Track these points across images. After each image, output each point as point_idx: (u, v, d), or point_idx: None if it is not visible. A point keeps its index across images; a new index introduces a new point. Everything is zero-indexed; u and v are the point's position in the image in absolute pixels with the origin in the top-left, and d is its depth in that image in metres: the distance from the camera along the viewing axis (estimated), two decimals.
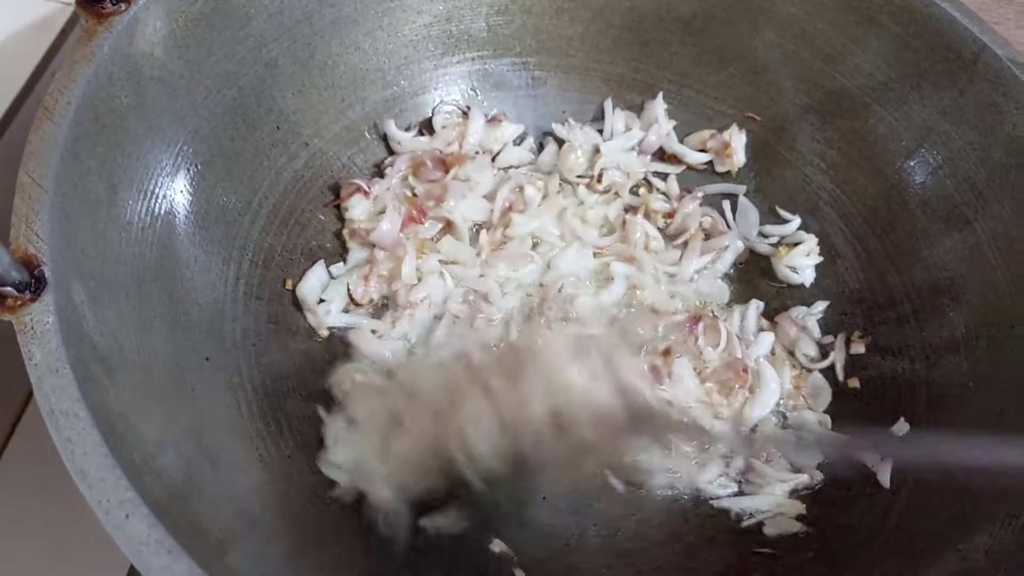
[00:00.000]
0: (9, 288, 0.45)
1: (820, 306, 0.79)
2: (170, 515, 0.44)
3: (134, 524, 0.41)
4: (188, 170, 0.65)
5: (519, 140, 0.86)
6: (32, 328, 0.45)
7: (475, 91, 0.85)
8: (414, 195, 0.79)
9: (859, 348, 0.76)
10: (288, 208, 0.74)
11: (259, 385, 0.65)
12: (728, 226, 0.83)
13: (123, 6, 0.59)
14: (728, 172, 0.85)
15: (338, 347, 0.72)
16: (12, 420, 0.69)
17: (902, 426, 0.70)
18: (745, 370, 0.72)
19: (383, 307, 0.75)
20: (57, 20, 0.91)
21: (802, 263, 0.80)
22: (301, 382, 0.69)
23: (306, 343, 0.72)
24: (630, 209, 0.82)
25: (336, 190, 0.78)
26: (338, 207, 0.77)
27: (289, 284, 0.72)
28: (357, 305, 0.74)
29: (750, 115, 0.83)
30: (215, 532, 0.49)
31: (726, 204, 0.84)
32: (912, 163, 0.75)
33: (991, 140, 0.70)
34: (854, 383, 0.75)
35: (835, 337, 0.77)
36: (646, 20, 0.82)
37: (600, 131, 0.86)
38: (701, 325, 0.74)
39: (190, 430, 0.55)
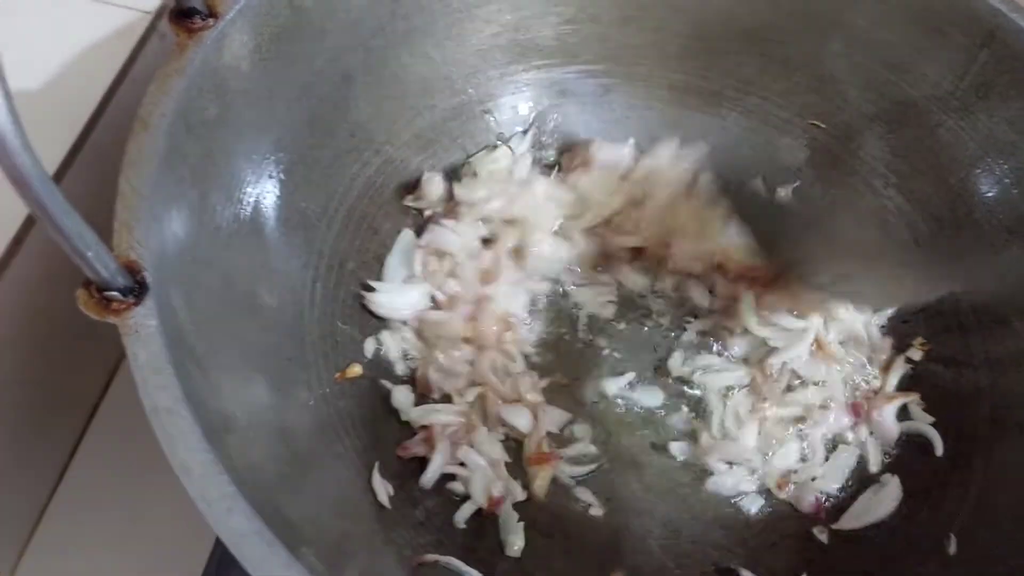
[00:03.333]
0: (115, 293, 0.48)
1: (886, 312, 0.79)
2: (265, 511, 0.46)
3: (235, 518, 0.43)
4: (270, 177, 0.67)
5: None
6: (137, 331, 0.47)
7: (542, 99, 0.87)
8: None
9: (916, 354, 0.76)
10: (361, 213, 0.77)
11: (335, 387, 0.67)
12: None
13: (211, 21, 0.61)
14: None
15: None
16: (89, 412, 0.73)
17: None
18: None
19: None
20: (136, 29, 0.94)
21: None
22: (372, 382, 0.72)
23: (377, 343, 0.74)
24: None
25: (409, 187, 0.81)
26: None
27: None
28: None
29: (815, 123, 0.84)
30: (306, 529, 0.51)
31: None
32: (978, 172, 0.75)
33: None
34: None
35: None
36: (712, 30, 0.83)
37: None
38: None
39: (277, 429, 0.58)
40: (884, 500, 0.70)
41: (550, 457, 0.70)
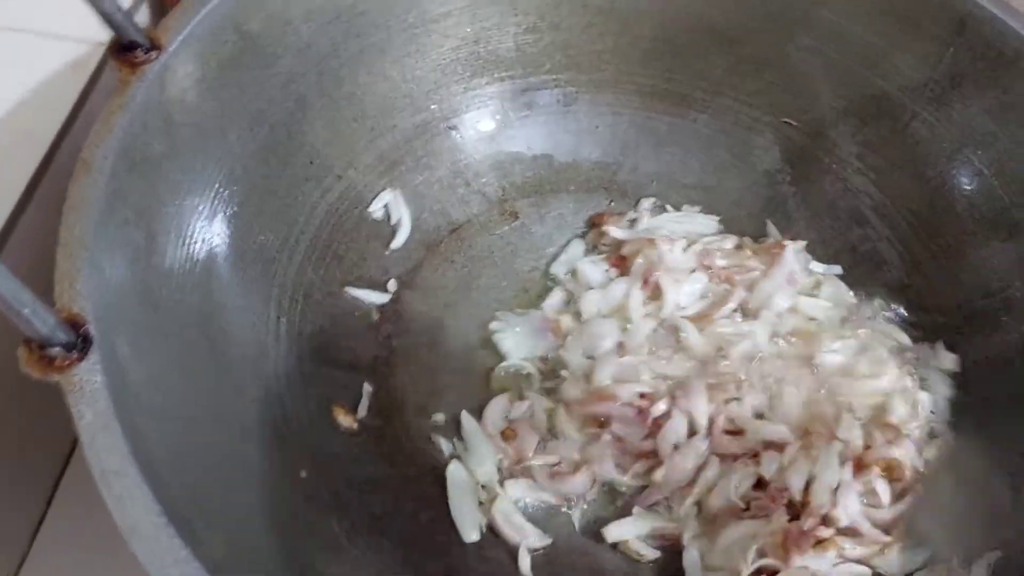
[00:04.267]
0: (57, 349, 0.45)
1: None
2: (224, 570, 0.44)
3: None
4: (224, 211, 0.65)
5: None
6: (81, 388, 0.45)
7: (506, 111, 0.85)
8: None
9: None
10: (325, 241, 0.74)
11: (305, 424, 0.65)
12: None
13: (155, 54, 0.59)
14: None
15: (378, 375, 0.73)
16: (56, 475, 0.70)
17: None
18: None
19: None
20: (89, 62, 0.92)
21: None
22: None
23: (349, 376, 0.72)
24: None
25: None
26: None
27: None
28: None
29: (787, 121, 0.82)
30: None
31: None
32: (956, 165, 0.74)
33: None
34: None
35: None
36: (677, 31, 0.81)
37: None
38: None
39: (240, 475, 0.56)
40: None
41: None
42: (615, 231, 0.82)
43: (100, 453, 0.44)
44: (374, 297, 0.76)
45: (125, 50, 0.58)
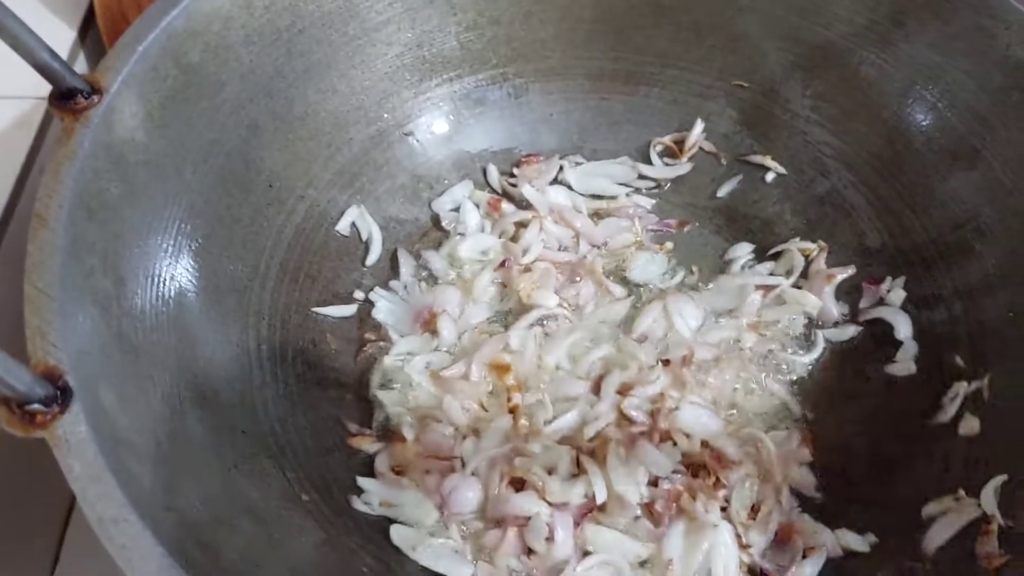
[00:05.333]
0: (36, 405, 0.45)
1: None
2: None
3: None
4: (190, 247, 0.64)
5: None
6: (67, 441, 0.44)
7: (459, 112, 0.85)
8: None
9: (898, 295, 0.75)
10: (295, 264, 0.74)
11: (299, 448, 0.64)
12: None
13: (96, 98, 0.58)
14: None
15: (366, 390, 0.73)
16: (61, 529, 0.69)
17: None
18: None
19: None
20: (34, 117, 0.91)
21: None
22: (339, 436, 0.68)
23: (337, 393, 0.71)
24: None
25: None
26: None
27: None
28: None
29: (737, 83, 0.82)
30: None
31: None
32: (909, 102, 0.74)
33: (986, 65, 0.69)
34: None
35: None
36: (616, 8, 0.81)
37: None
38: None
39: (240, 507, 0.55)
40: None
41: None
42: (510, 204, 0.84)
43: (95, 504, 0.43)
44: (345, 311, 0.76)
45: (65, 98, 0.58)
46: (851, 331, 0.76)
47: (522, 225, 0.82)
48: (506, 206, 0.84)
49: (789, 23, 0.77)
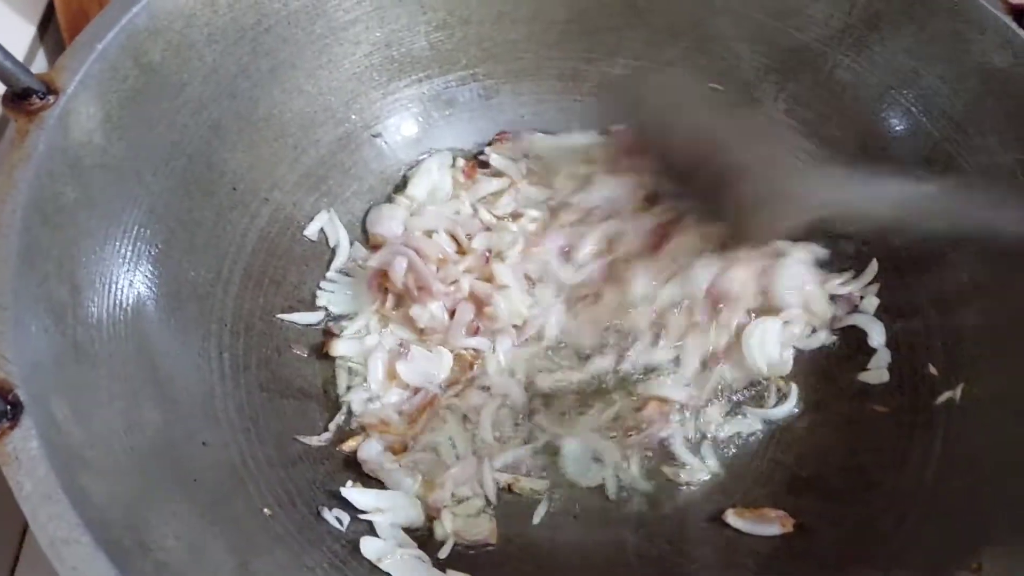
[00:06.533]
0: None
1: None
2: None
3: None
4: (150, 252, 0.62)
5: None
6: (17, 458, 0.43)
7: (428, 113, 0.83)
8: None
9: (872, 303, 0.74)
10: (260, 269, 0.72)
11: (263, 459, 0.63)
12: None
13: (51, 99, 0.56)
14: None
15: (332, 400, 0.71)
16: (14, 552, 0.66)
17: None
18: None
19: None
20: None
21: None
22: (304, 445, 0.67)
23: (301, 403, 0.70)
24: None
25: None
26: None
27: None
28: None
29: (712, 86, 0.81)
30: None
31: None
32: (884, 107, 0.74)
33: (961, 70, 0.68)
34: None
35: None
36: (589, 9, 0.80)
37: None
38: None
39: (198, 520, 0.53)
40: None
41: None
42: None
43: (46, 524, 0.42)
44: (310, 318, 0.74)
45: (20, 98, 0.56)
46: (823, 337, 0.75)
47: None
48: (481, 175, 0.83)
49: (763, 26, 0.76)
